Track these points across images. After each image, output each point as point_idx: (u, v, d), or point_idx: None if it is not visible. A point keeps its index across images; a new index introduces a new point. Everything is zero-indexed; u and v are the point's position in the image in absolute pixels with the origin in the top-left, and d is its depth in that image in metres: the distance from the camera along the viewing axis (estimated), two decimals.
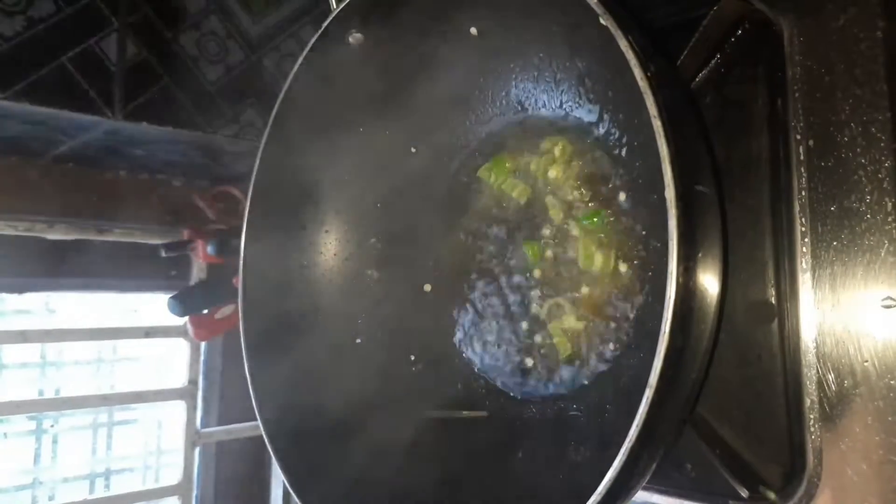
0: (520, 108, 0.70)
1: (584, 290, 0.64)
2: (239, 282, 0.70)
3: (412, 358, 0.76)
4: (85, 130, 1.12)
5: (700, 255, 0.43)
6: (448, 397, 0.72)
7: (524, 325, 0.69)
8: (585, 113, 0.64)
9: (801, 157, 0.49)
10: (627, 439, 0.39)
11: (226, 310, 1.39)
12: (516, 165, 0.71)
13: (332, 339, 0.75)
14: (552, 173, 0.67)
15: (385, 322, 0.77)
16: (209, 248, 1.37)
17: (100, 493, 1.49)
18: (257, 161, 0.69)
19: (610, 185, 0.63)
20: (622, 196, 0.62)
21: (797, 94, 0.50)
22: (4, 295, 1.39)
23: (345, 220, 0.78)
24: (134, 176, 1.42)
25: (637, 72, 0.41)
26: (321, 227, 0.77)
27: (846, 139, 0.47)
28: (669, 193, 0.40)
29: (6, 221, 1.27)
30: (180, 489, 1.50)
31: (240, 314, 0.69)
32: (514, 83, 0.69)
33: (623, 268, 0.61)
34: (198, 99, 1.16)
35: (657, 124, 0.40)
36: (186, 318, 1.39)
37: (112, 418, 1.56)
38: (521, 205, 0.71)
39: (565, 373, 0.65)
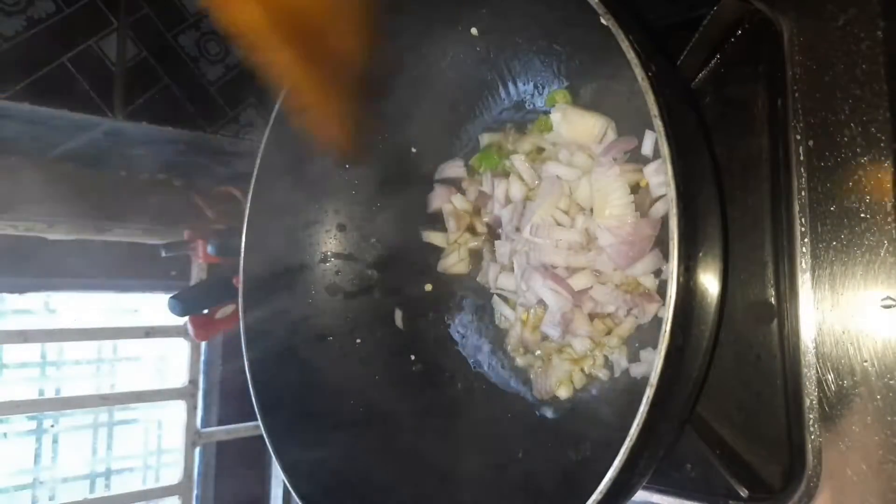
0: (520, 107, 0.70)
1: None
2: (239, 282, 0.70)
3: (412, 357, 0.76)
4: (85, 130, 1.12)
5: (700, 255, 0.43)
6: (448, 396, 0.72)
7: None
8: None
9: (801, 157, 0.49)
10: (628, 439, 0.39)
11: (226, 310, 1.39)
12: (504, 155, 0.71)
13: (333, 339, 0.75)
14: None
15: (385, 322, 0.78)
16: (209, 248, 1.37)
17: (100, 492, 1.49)
18: (257, 161, 0.69)
19: None
20: None
21: (797, 94, 0.50)
22: (4, 295, 1.39)
23: (345, 221, 0.78)
24: (134, 176, 1.42)
25: (638, 72, 0.41)
26: (322, 227, 0.77)
27: (846, 139, 0.47)
28: (670, 193, 0.40)
29: (6, 221, 1.26)
30: (180, 489, 1.50)
31: (240, 314, 0.69)
32: (514, 83, 0.69)
33: None
34: (198, 99, 1.16)
35: (658, 124, 0.41)
36: (186, 318, 1.38)
37: (112, 418, 1.56)
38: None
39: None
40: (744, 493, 0.50)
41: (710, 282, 0.45)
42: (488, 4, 0.63)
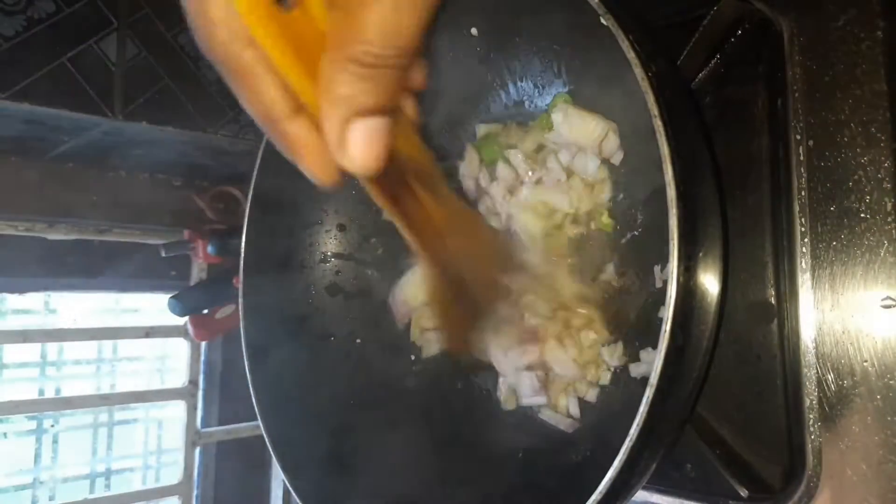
0: (520, 106, 0.70)
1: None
2: (239, 282, 0.70)
3: (412, 358, 0.76)
4: (85, 130, 1.12)
5: (700, 255, 0.43)
6: (449, 397, 0.72)
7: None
8: None
9: (801, 157, 0.49)
10: (628, 439, 0.39)
11: (226, 310, 1.39)
12: (503, 147, 0.71)
13: (333, 339, 0.75)
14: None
15: (385, 322, 0.77)
16: (209, 248, 1.37)
17: (100, 493, 1.49)
18: (257, 161, 0.69)
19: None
20: (620, 196, 0.62)
21: (797, 94, 0.50)
22: (4, 295, 1.39)
23: (345, 221, 0.78)
24: (134, 176, 1.42)
25: (638, 72, 0.41)
26: (322, 227, 0.77)
27: (846, 139, 0.47)
28: (670, 193, 0.40)
29: (6, 221, 1.27)
30: (180, 489, 1.50)
31: (240, 314, 0.69)
32: (514, 83, 0.69)
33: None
34: (198, 99, 1.16)
35: (658, 124, 0.41)
36: (186, 318, 1.39)
37: (112, 418, 1.56)
38: None
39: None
40: (744, 493, 0.50)
41: (710, 282, 0.45)
42: (488, 4, 0.63)
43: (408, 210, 0.38)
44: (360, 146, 0.27)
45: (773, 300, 0.52)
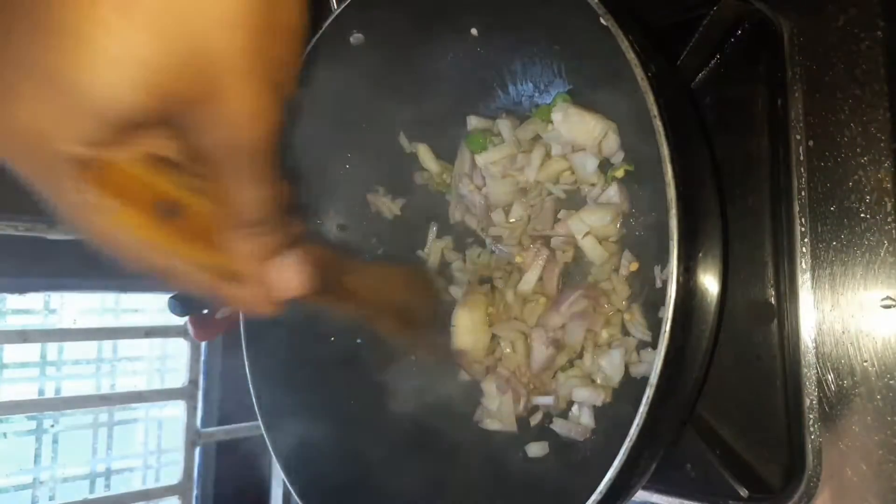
0: (519, 105, 0.70)
1: None
2: None
3: (413, 358, 0.76)
4: None
5: (700, 255, 0.43)
6: (449, 396, 0.72)
7: None
8: None
9: (801, 157, 0.49)
10: (628, 439, 0.39)
11: (226, 310, 1.39)
12: (490, 137, 0.72)
13: (333, 339, 0.75)
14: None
15: None
16: None
17: (100, 493, 1.49)
18: None
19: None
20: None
21: (797, 94, 0.50)
22: (4, 295, 1.39)
23: (345, 221, 0.78)
24: None
25: (638, 72, 0.41)
26: (322, 227, 0.77)
27: (846, 139, 0.47)
28: (669, 193, 0.40)
29: (6, 221, 1.26)
30: (180, 489, 1.50)
31: (240, 314, 0.69)
32: (514, 83, 0.69)
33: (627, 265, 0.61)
34: None
35: (657, 124, 0.41)
36: (186, 318, 1.38)
37: (112, 418, 1.56)
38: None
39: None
40: (744, 493, 0.50)
41: (710, 282, 0.45)
42: (488, 5, 0.63)
43: (339, 294, 0.46)
44: (288, 278, 0.34)
45: (773, 300, 0.52)
